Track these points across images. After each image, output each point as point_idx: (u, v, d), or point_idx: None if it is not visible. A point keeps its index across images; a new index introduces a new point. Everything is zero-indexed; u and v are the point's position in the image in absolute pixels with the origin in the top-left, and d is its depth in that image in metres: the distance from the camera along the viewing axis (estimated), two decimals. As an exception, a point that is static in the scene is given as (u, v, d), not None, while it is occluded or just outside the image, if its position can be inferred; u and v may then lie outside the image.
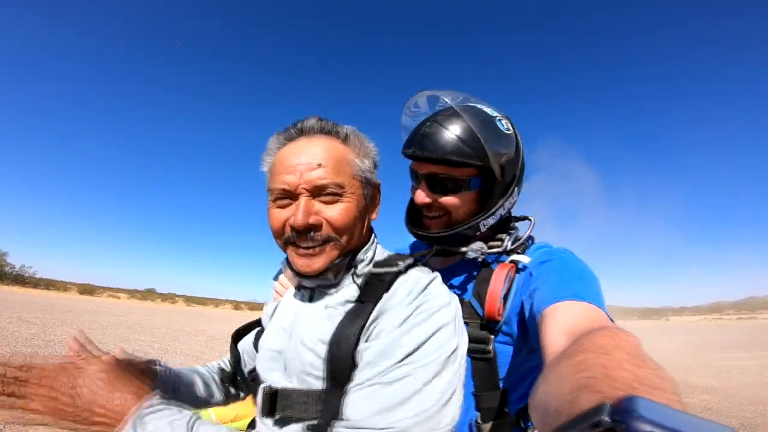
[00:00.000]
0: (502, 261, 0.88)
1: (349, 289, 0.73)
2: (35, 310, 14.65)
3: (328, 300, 0.73)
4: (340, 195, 0.70)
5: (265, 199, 0.75)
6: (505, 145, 0.88)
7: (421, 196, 0.90)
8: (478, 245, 0.88)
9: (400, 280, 0.69)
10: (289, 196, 0.70)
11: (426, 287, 0.68)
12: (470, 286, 0.88)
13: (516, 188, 0.93)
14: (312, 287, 0.76)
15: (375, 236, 0.81)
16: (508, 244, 0.89)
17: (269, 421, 0.67)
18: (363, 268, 0.74)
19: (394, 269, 0.70)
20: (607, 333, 0.44)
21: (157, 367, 0.79)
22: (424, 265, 0.77)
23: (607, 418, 0.26)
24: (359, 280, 0.73)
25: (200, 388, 0.87)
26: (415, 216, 0.98)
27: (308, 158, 0.69)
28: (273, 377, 0.71)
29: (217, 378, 0.93)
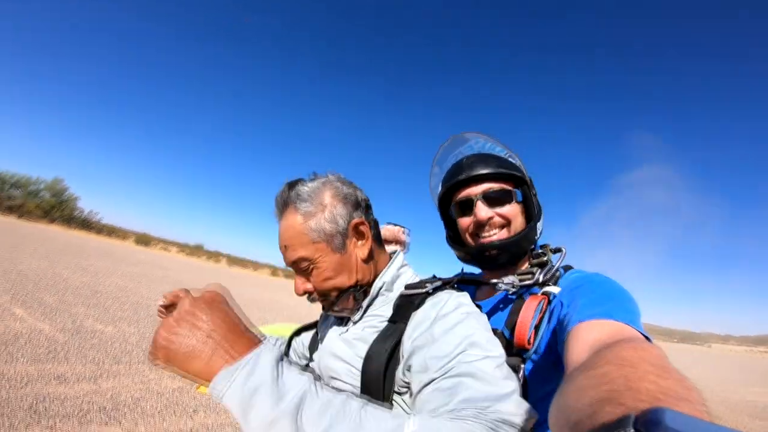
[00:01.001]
0: (533, 293, 0.89)
1: (382, 312, 0.79)
2: (92, 257, 15.98)
3: (362, 324, 0.80)
4: (311, 264, 0.77)
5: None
6: (524, 170, 1.02)
7: (483, 212, 0.96)
8: (509, 278, 0.91)
9: (429, 301, 0.73)
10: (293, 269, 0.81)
11: (449, 300, 0.73)
12: (503, 318, 0.90)
13: (537, 206, 1.02)
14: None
15: (394, 264, 0.86)
16: (539, 276, 0.90)
17: None
18: (384, 293, 0.82)
19: (423, 290, 0.76)
20: (630, 345, 0.42)
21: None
22: (453, 285, 0.81)
23: (632, 430, 0.25)
24: (391, 301, 0.79)
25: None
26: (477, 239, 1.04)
27: (280, 241, 0.80)
28: None
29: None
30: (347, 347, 0.76)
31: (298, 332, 1.03)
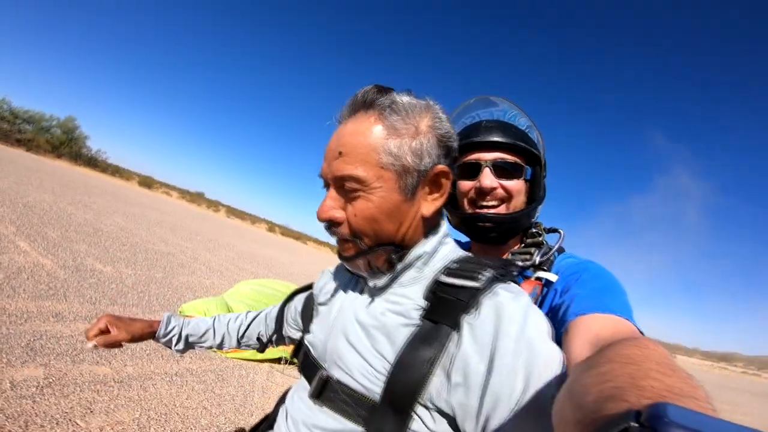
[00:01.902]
0: (527, 276, 0.87)
1: (408, 296, 0.62)
2: (96, 195, 16.23)
3: (382, 301, 0.64)
4: (362, 189, 0.59)
5: None
6: (542, 148, 0.98)
7: (488, 180, 0.92)
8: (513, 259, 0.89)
9: (487, 305, 0.55)
10: (325, 184, 0.65)
11: (525, 318, 0.53)
12: None
13: (544, 189, 0.99)
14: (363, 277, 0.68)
15: (439, 232, 0.67)
16: (537, 258, 0.89)
17: (312, 403, 0.65)
18: (421, 268, 0.64)
19: (474, 284, 0.57)
20: (634, 343, 0.41)
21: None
22: (508, 276, 0.61)
23: (635, 424, 0.25)
24: (424, 284, 0.62)
25: (210, 342, 1.05)
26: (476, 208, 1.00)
27: (334, 144, 0.62)
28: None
29: (235, 336, 1.04)
30: (365, 336, 0.62)
31: (291, 297, 0.96)
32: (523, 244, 0.95)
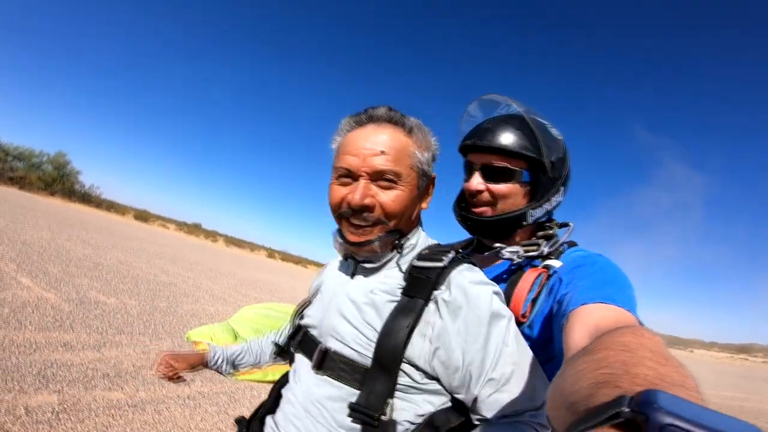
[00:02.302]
0: (535, 265, 0.89)
1: (392, 277, 0.79)
2: (93, 231, 16.14)
3: (371, 281, 0.80)
4: (396, 183, 0.76)
5: (327, 171, 0.83)
6: (556, 146, 0.96)
7: (475, 184, 0.94)
8: (514, 247, 0.91)
9: (448, 279, 0.73)
10: (351, 175, 0.76)
11: (472, 292, 0.72)
12: (501, 288, 0.88)
13: (562, 188, 0.98)
14: (359, 261, 0.82)
15: (421, 225, 0.88)
16: (544, 248, 0.90)
17: (315, 374, 0.77)
18: (407, 254, 0.81)
19: (439, 264, 0.75)
20: (630, 331, 0.42)
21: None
22: (464, 258, 0.80)
23: (626, 409, 0.26)
24: (403, 268, 0.79)
25: (250, 360, 1.15)
26: (463, 210, 1.03)
27: (373, 144, 0.76)
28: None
29: (267, 351, 1.14)
30: (356, 310, 0.76)
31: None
32: (534, 237, 0.96)
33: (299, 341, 0.86)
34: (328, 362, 0.75)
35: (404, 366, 0.70)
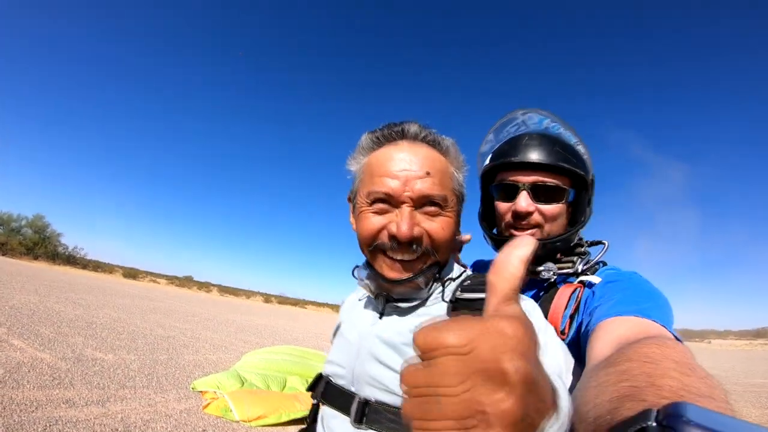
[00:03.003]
0: (569, 282, 0.86)
1: (434, 313, 0.68)
2: (82, 292, 15.62)
3: (409, 320, 0.69)
4: (443, 208, 0.67)
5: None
6: (590, 163, 0.92)
7: (526, 204, 0.86)
8: (549, 265, 0.87)
9: None
10: (390, 202, 0.66)
11: (540, 324, 0.64)
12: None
13: (590, 208, 0.93)
14: (390, 299, 0.72)
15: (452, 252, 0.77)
16: (579, 266, 0.86)
17: (356, 429, 0.64)
18: (451, 286, 0.70)
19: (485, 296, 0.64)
20: (654, 342, 0.41)
21: None
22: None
23: (653, 424, 0.24)
24: (447, 303, 0.68)
25: None
26: (499, 233, 0.96)
27: (415, 166, 0.66)
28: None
29: None
30: (394, 353, 0.65)
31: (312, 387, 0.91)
32: (566, 254, 0.93)
33: (322, 392, 0.75)
34: (371, 415, 0.64)
35: None
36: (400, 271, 0.66)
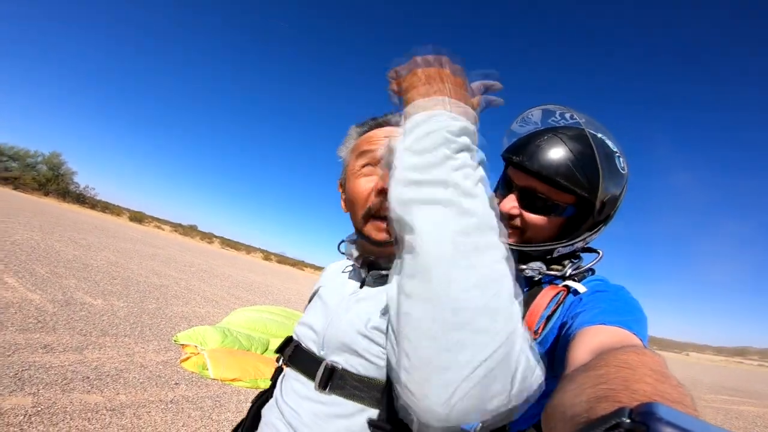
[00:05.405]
0: (555, 284, 0.85)
1: None
2: (85, 232, 16.03)
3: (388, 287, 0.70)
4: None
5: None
6: (616, 184, 0.85)
7: (509, 206, 0.86)
8: (537, 264, 0.86)
9: None
10: (375, 164, 0.71)
11: None
12: None
13: (603, 226, 0.89)
14: (379, 267, 0.73)
15: None
16: (568, 270, 0.85)
17: (318, 395, 0.66)
18: None
19: None
20: (632, 350, 0.43)
21: None
22: None
23: (627, 420, 0.26)
24: None
25: None
26: None
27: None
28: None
29: None
30: (369, 320, 0.66)
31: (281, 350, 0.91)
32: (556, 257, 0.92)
33: (290, 355, 0.75)
34: (336, 380, 0.65)
35: None
36: (386, 232, 0.69)
